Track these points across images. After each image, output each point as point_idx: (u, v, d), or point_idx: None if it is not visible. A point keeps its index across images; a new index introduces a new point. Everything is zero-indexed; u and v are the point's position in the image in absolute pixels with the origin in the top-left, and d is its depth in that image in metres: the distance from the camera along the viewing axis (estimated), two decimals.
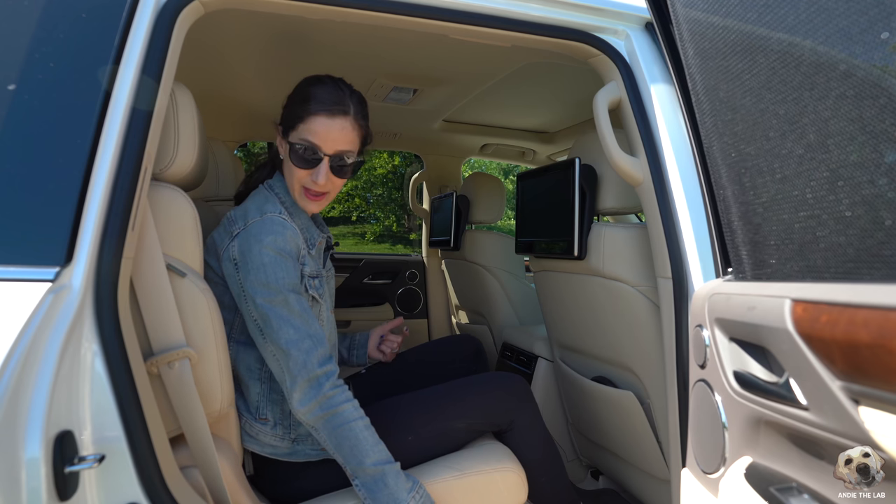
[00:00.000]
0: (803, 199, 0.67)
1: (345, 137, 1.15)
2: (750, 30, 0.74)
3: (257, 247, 1.06)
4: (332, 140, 1.14)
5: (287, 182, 1.19)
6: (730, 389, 0.82)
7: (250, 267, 1.06)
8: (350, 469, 1.05)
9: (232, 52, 1.62)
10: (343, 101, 1.15)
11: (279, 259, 1.07)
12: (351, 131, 1.16)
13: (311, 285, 1.16)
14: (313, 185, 1.15)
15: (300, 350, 1.04)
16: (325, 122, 1.13)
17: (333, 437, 1.04)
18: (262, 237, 1.07)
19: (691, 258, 1.04)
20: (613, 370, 1.51)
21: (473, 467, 1.23)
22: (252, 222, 1.10)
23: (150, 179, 1.01)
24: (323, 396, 1.03)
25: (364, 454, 1.03)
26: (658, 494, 1.44)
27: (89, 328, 0.76)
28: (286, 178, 1.19)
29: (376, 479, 1.03)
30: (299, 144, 1.13)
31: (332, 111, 1.13)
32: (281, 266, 1.07)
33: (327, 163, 1.14)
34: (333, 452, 1.05)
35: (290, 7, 1.04)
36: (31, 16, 0.83)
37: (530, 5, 1.14)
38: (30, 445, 0.65)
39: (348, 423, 1.03)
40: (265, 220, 1.10)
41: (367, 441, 1.04)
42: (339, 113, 1.14)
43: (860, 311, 0.55)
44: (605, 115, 1.21)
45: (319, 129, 1.13)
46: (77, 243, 0.76)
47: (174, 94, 1.05)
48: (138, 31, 0.87)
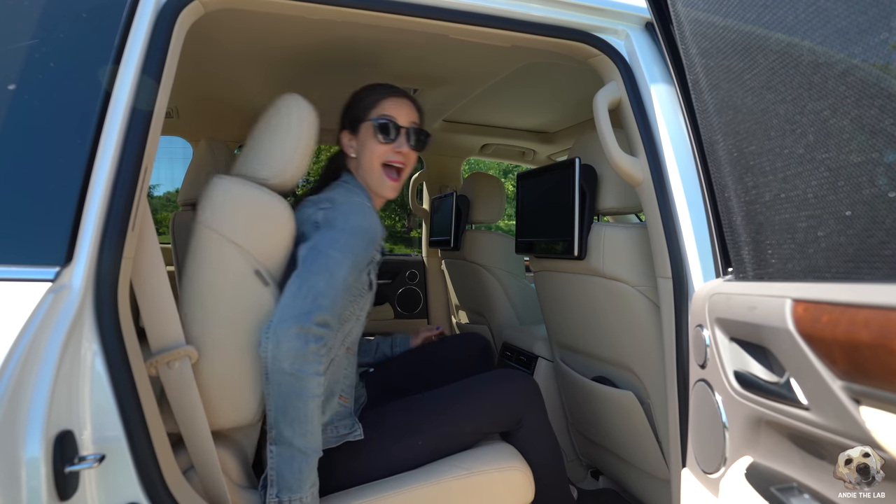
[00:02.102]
0: (804, 198, 0.67)
1: (412, 113, 1.34)
2: (750, 29, 0.74)
3: (342, 219, 1.12)
4: (405, 114, 1.32)
5: (366, 166, 1.30)
6: (730, 389, 0.82)
7: (331, 227, 1.11)
8: (276, 434, 0.99)
9: (232, 52, 1.62)
10: (400, 89, 1.36)
11: (359, 234, 1.12)
12: (415, 110, 1.36)
13: (374, 272, 1.25)
14: (396, 155, 1.29)
15: (314, 301, 1.01)
16: (396, 101, 1.32)
17: (281, 400, 0.99)
18: (349, 215, 1.14)
19: (691, 258, 1.04)
20: (613, 370, 1.51)
21: (481, 466, 1.23)
22: (342, 203, 1.17)
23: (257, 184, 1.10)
24: (300, 355, 0.97)
25: (301, 432, 0.99)
26: (658, 494, 1.43)
27: (89, 328, 0.76)
28: (365, 164, 1.30)
29: (294, 459, 0.99)
30: (380, 119, 1.29)
31: (398, 93, 1.34)
32: (358, 238, 1.11)
33: (405, 133, 1.31)
34: (271, 409, 1.00)
35: (290, 7, 1.04)
36: (31, 16, 0.83)
37: (530, 5, 1.14)
38: (30, 445, 0.65)
39: (304, 397, 0.99)
40: (354, 203, 1.18)
41: (310, 422, 1.00)
42: (403, 95, 1.35)
43: (861, 311, 0.55)
44: (605, 115, 1.20)
45: (393, 106, 1.31)
46: (77, 243, 0.76)
47: (298, 109, 1.14)
48: (138, 31, 0.87)
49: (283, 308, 1.00)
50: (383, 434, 1.24)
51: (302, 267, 1.06)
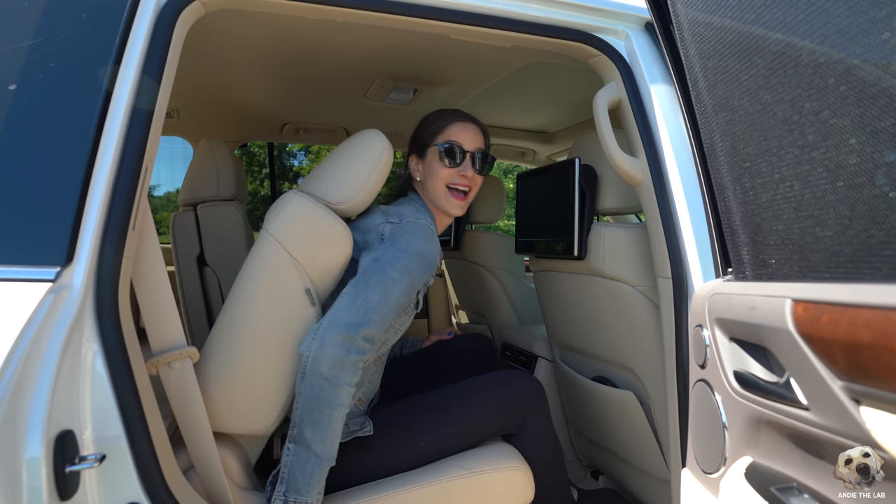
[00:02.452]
0: (803, 198, 0.67)
1: (478, 138, 1.39)
2: (749, 30, 0.74)
3: (406, 239, 1.15)
4: (471, 139, 1.37)
5: (431, 190, 1.34)
6: (730, 389, 0.82)
7: (395, 246, 1.14)
8: (297, 433, 1.01)
9: (232, 53, 1.62)
10: (469, 115, 1.41)
11: (420, 257, 1.14)
12: (481, 135, 1.41)
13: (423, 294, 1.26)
14: (461, 179, 1.33)
15: (366, 314, 1.04)
16: (462, 125, 1.37)
17: (311, 401, 1.01)
18: (414, 237, 1.16)
19: (691, 258, 1.04)
20: (613, 370, 1.51)
21: (481, 466, 1.23)
22: (409, 221, 1.20)
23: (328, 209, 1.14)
24: (340, 363, 1.00)
25: (322, 438, 1.01)
26: (658, 494, 1.44)
27: (90, 328, 0.76)
28: (430, 187, 1.35)
29: (309, 462, 1.00)
30: (445, 144, 1.33)
31: (465, 118, 1.39)
32: (418, 262, 1.14)
33: (470, 158, 1.35)
34: (298, 408, 1.02)
35: (290, 7, 1.04)
36: (32, 16, 0.83)
37: (530, 5, 1.14)
38: (30, 445, 0.65)
39: (333, 404, 1.01)
40: (420, 225, 1.20)
41: (332, 430, 1.02)
42: (470, 120, 1.40)
43: (861, 311, 0.55)
44: (604, 116, 1.21)
45: (459, 131, 1.36)
46: (78, 243, 0.76)
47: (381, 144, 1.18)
48: (139, 31, 0.87)
49: (336, 313, 1.04)
50: (386, 434, 1.24)
51: (361, 277, 1.09)
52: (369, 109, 2.25)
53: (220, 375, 1.07)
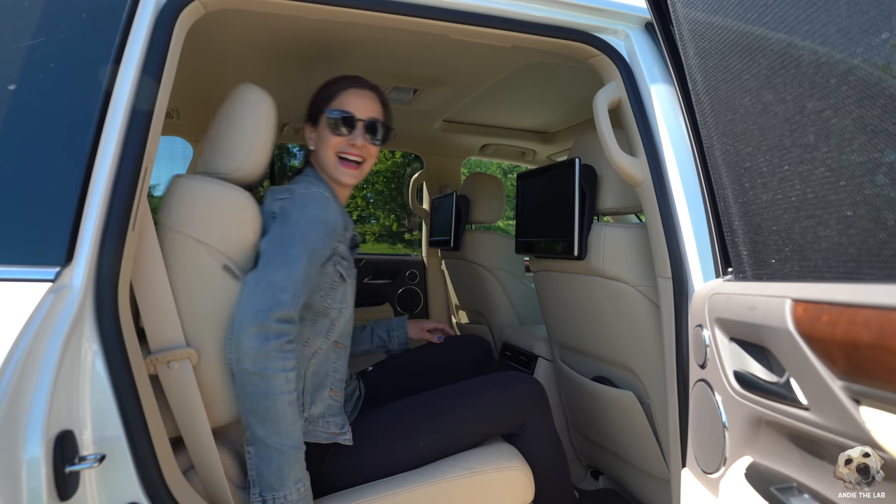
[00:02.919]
0: (804, 198, 0.67)
1: (374, 107, 1.31)
2: (750, 30, 0.74)
3: (297, 211, 1.11)
4: (364, 108, 1.29)
5: (323, 158, 1.29)
6: (730, 389, 0.82)
7: (286, 220, 1.09)
8: (250, 434, 0.98)
9: (232, 52, 1.62)
10: (367, 81, 1.34)
11: (314, 224, 1.10)
12: (378, 104, 1.33)
13: (342, 265, 1.21)
14: (351, 148, 1.27)
15: (273, 297, 0.98)
16: (356, 92, 1.30)
17: (249, 400, 0.96)
18: (305, 206, 1.12)
19: (691, 258, 1.04)
20: (613, 370, 1.51)
21: (481, 466, 1.23)
22: (300, 194, 1.15)
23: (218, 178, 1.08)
24: (262, 353, 0.95)
25: (274, 430, 0.97)
26: (658, 494, 1.44)
27: (90, 328, 0.76)
28: (321, 156, 1.29)
29: (271, 458, 0.97)
30: (335, 112, 1.27)
31: (361, 85, 1.32)
32: (314, 230, 1.10)
33: (362, 126, 1.28)
34: (242, 411, 0.99)
35: (289, 7, 1.04)
36: (31, 16, 0.83)
37: (530, 5, 1.14)
38: (30, 445, 0.65)
39: (272, 395, 0.96)
40: (312, 194, 1.15)
41: (283, 419, 0.97)
42: (367, 87, 1.32)
43: (861, 311, 0.55)
44: (605, 115, 1.21)
45: (352, 99, 1.29)
46: (77, 243, 0.76)
47: (258, 101, 1.12)
48: (139, 31, 0.87)
49: (242, 306, 0.98)
50: (385, 433, 1.24)
51: (261, 262, 1.03)
52: None
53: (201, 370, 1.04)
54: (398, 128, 2.61)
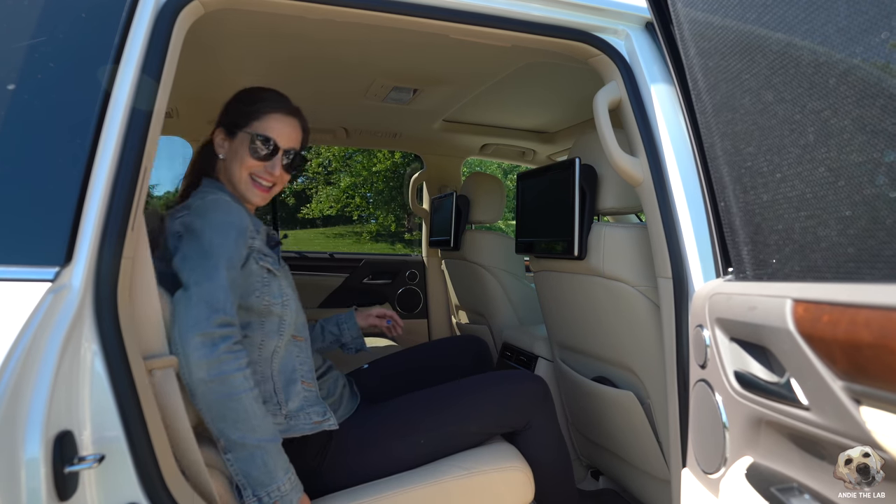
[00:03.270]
0: (804, 198, 0.67)
1: (296, 136, 1.25)
2: (750, 29, 0.74)
3: (200, 221, 1.06)
4: (288, 136, 1.23)
5: (233, 175, 1.21)
6: (730, 389, 0.82)
7: (192, 234, 1.05)
8: (225, 443, 0.97)
9: (232, 52, 1.62)
10: (292, 105, 1.27)
11: (221, 229, 1.06)
12: (300, 132, 1.27)
13: (265, 261, 1.16)
14: (267, 175, 1.21)
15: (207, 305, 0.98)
16: (282, 119, 1.23)
17: (215, 407, 0.96)
18: (206, 214, 1.08)
19: (691, 258, 1.04)
20: (613, 370, 1.50)
21: (481, 466, 1.22)
22: (197, 205, 1.10)
23: None
24: (214, 359, 0.95)
25: (248, 429, 0.97)
26: (658, 494, 1.43)
27: (89, 328, 0.75)
28: (231, 172, 1.21)
29: (254, 456, 0.97)
30: (259, 136, 1.19)
31: (287, 111, 1.24)
32: (222, 235, 1.05)
33: (281, 156, 1.22)
34: (210, 423, 0.97)
35: (289, 7, 1.04)
36: (31, 15, 0.83)
37: (530, 5, 1.13)
38: (29, 445, 0.65)
39: (236, 395, 0.96)
40: (207, 201, 1.10)
41: (254, 416, 0.97)
42: (292, 114, 1.25)
43: (862, 311, 0.55)
44: (605, 115, 1.20)
45: (276, 125, 1.21)
46: (77, 243, 0.76)
47: None
48: (138, 30, 0.87)
49: (180, 323, 0.96)
50: (385, 430, 1.23)
51: (183, 280, 1.01)
52: (369, 109, 2.25)
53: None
54: (398, 128, 2.61)
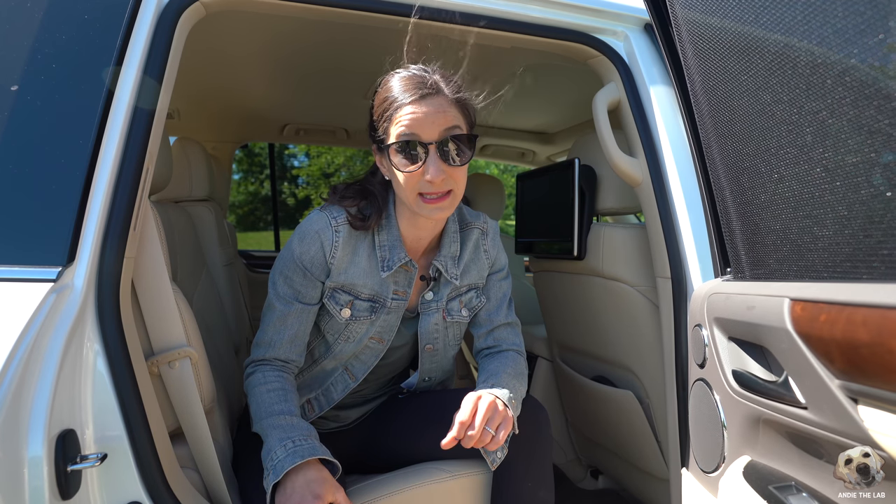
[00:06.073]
0: (801, 198, 0.67)
1: (444, 117, 0.95)
2: (747, 31, 0.74)
3: (287, 248, 1.10)
4: (430, 123, 0.94)
5: (402, 196, 1.01)
6: (729, 389, 0.82)
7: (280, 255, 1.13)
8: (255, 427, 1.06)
9: (233, 54, 1.62)
10: (426, 81, 0.96)
11: (289, 265, 1.08)
12: (450, 107, 0.96)
13: (335, 298, 1.07)
14: (429, 185, 0.95)
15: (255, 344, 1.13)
16: (415, 109, 0.94)
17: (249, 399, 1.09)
18: (291, 240, 1.10)
19: (690, 258, 1.04)
20: (613, 370, 1.51)
21: (464, 469, 1.13)
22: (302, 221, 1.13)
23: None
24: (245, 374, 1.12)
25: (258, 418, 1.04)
26: (658, 493, 1.44)
27: (91, 327, 0.76)
28: (402, 195, 1.01)
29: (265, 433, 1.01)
30: (396, 144, 0.95)
31: (415, 96, 0.95)
32: (286, 271, 1.08)
33: (435, 151, 0.94)
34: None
35: (290, 8, 1.05)
36: (34, 17, 0.83)
37: (530, 6, 1.14)
38: (32, 444, 0.65)
39: (253, 386, 1.08)
40: (302, 224, 1.08)
41: (265, 402, 1.05)
42: (428, 94, 0.95)
43: (859, 311, 0.55)
44: (604, 116, 1.21)
45: (411, 119, 0.94)
46: (79, 243, 0.77)
47: None
48: (140, 32, 0.88)
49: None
50: (385, 428, 1.24)
51: None
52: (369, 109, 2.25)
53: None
54: None
